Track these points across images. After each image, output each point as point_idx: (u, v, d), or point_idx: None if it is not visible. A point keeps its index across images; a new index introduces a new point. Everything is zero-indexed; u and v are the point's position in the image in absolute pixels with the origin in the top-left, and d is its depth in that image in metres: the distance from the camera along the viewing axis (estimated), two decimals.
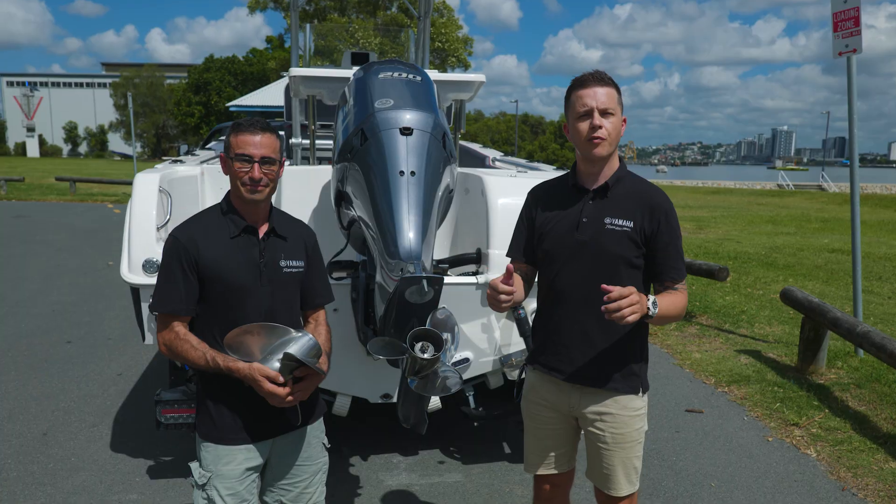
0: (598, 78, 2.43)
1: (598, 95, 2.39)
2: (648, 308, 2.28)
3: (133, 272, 3.62)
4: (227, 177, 2.49)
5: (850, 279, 6.54)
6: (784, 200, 28.58)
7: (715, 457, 4.56)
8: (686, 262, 8.07)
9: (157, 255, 3.60)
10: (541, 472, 2.77)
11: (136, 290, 3.67)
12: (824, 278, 10.27)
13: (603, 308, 2.17)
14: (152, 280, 3.58)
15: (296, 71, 4.30)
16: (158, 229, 3.72)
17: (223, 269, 2.39)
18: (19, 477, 4.13)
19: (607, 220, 2.44)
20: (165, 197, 3.89)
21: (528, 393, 2.77)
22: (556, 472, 2.75)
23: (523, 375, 3.27)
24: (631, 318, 2.17)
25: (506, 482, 4.15)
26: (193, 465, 2.50)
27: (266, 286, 2.46)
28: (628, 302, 2.15)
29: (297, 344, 2.38)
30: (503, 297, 2.36)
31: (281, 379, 2.32)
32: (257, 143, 2.40)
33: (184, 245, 2.38)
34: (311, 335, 2.43)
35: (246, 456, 2.47)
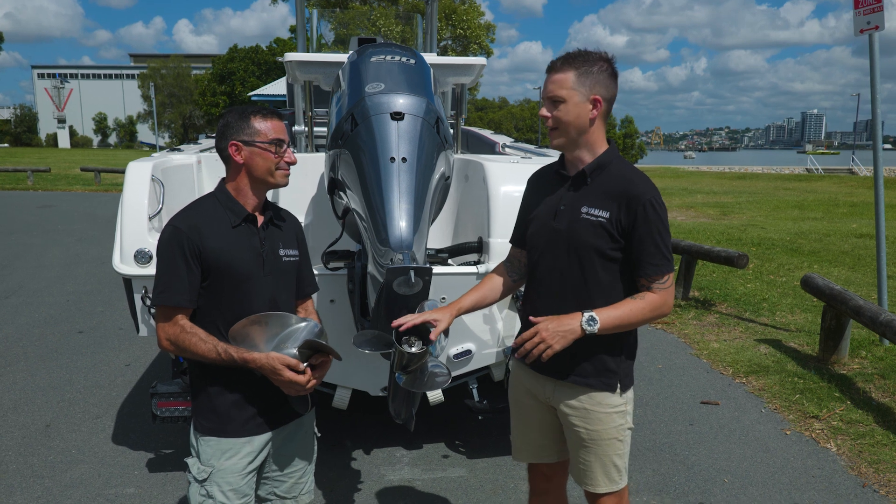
0: (553, 65, 2.32)
1: (547, 84, 2.32)
2: (583, 328, 2.23)
3: (125, 262, 3.55)
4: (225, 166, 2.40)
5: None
6: (812, 185, 28.02)
7: (729, 451, 4.40)
8: (705, 250, 7.93)
9: (148, 245, 3.52)
10: (528, 460, 2.73)
11: (128, 281, 3.60)
12: (851, 264, 10.00)
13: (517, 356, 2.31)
14: (144, 270, 3.51)
15: (291, 56, 4.20)
16: (150, 219, 3.64)
17: (228, 258, 2.31)
18: (18, 469, 4.10)
19: (584, 210, 2.32)
20: (158, 186, 3.81)
21: (511, 379, 2.73)
22: (544, 461, 2.68)
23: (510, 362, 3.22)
24: (557, 347, 2.21)
25: (510, 477, 4.04)
26: (191, 461, 2.42)
27: (268, 275, 2.40)
28: (533, 343, 2.22)
29: (306, 331, 2.35)
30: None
31: (302, 367, 2.27)
32: (282, 128, 2.41)
33: (186, 234, 2.28)
34: (315, 321, 2.42)
35: (249, 449, 2.40)
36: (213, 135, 2.97)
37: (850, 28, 6.05)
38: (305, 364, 2.29)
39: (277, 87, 29.86)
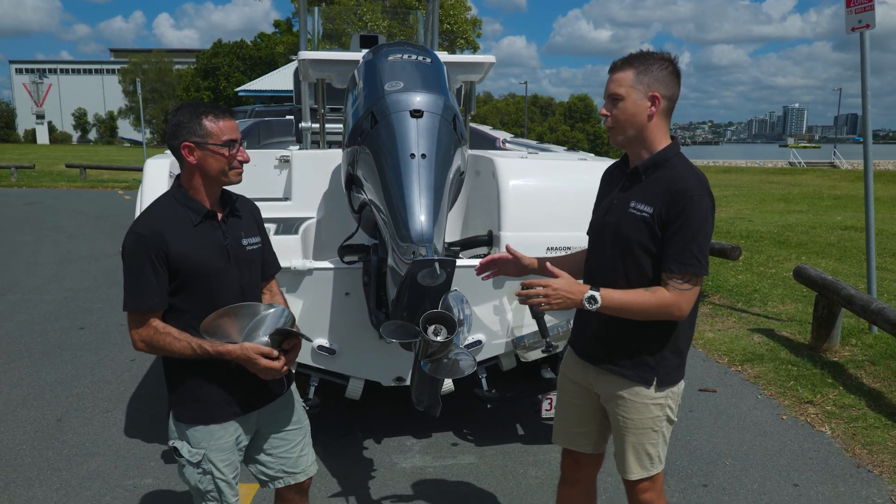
0: (614, 65, 2.36)
1: (608, 83, 2.36)
2: (583, 301, 2.26)
3: None
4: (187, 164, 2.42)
5: (864, 256, 6.50)
6: (796, 178, 28.36)
7: (729, 435, 4.54)
8: None
9: None
10: (562, 444, 2.79)
11: None
12: (837, 256, 10.20)
13: (515, 294, 2.33)
14: None
15: (305, 54, 4.27)
16: None
17: (194, 257, 2.36)
18: (34, 462, 4.16)
19: (632, 204, 2.34)
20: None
21: (562, 364, 2.80)
22: (577, 449, 2.74)
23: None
24: (554, 306, 2.26)
25: (519, 463, 4.16)
26: (179, 444, 2.48)
27: (235, 267, 2.46)
28: (536, 292, 2.26)
29: (274, 317, 2.42)
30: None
31: (275, 353, 2.35)
32: (235, 127, 2.43)
33: (149, 239, 2.32)
34: (282, 306, 2.49)
35: (236, 426, 2.50)
36: None
37: (831, 23, 6.23)
38: (279, 349, 2.38)
39: (264, 83, 29.76)
